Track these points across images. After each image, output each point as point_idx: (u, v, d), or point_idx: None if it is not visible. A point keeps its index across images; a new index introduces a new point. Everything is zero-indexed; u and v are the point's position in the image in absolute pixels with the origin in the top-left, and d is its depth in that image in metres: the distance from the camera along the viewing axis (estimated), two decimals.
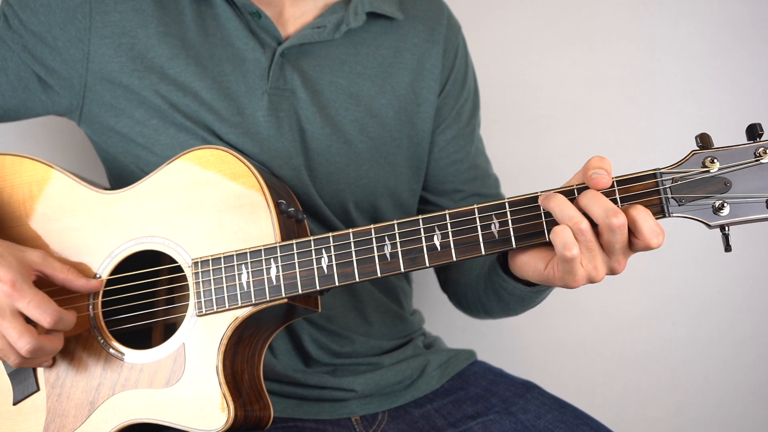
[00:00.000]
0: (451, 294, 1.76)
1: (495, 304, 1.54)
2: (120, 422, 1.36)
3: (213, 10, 1.56)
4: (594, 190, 1.21)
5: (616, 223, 1.17)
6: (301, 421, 1.54)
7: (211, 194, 1.39)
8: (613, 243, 1.19)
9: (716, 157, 1.19)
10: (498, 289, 1.46)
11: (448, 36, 1.70)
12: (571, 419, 1.48)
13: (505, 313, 1.60)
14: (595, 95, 2.22)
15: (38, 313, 1.31)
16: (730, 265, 2.22)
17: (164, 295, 1.47)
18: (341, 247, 1.32)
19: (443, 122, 1.70)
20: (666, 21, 2.22)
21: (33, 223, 1.46)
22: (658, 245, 1.19)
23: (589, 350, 2.27)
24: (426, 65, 1.66)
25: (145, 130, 1.52)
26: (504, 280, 1.41)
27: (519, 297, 1.44)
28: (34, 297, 1.31)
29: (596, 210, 1.19)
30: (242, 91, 1.53)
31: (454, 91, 1.71)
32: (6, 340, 1.31)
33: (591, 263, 1.21)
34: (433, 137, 1.70)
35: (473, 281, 1.59)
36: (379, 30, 1.63)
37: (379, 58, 1.63)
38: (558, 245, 1.20)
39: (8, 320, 1.30)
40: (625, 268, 1.23)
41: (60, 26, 1.51)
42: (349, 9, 1.58)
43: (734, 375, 2.28)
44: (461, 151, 1.72)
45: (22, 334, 1.30)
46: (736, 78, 2.22)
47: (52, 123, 1.70)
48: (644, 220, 1.18)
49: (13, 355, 1.32)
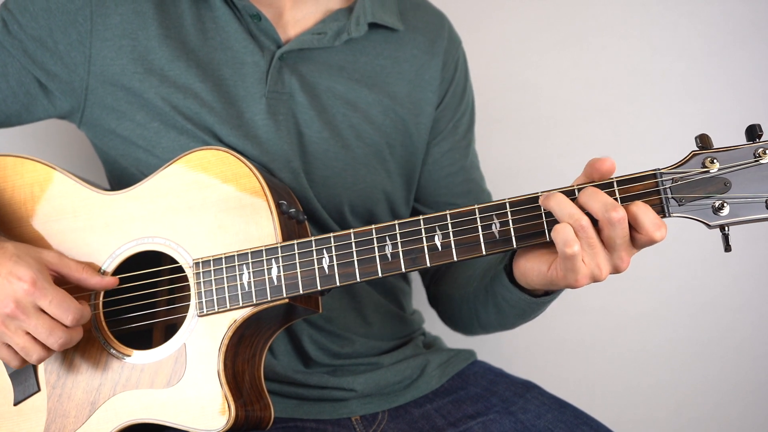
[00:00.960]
0: (443, 309, 1.76)
1: (494, 316, 1.53)
2: (121, 422, 1.36)
3: (212, 12, 1.56)
4: (593, 187, 1.21)
5: (616, 217, 1.17)
6: (302, 421, 1.54)
7: (212, 195, 1.39)
8: (614, 238, 1.19)
9: (716, 157, 1.19)
10: (500, 301, 1.46)
11: (448, 49, 1.70)
12: (571, 419, 1.48)
13: (502, 326, 1.60)
14: (595, 95, 2.22)
15: (60, 311, 1.31)
16: (730, 265, 2.22)
17: (165, 295, 1.48)
18: (342, 247, 1.32)
19: (439, 134, 1.70)
20: (666, 21, 2.22)
21: (34, 224, 1.46)
22: (661, 238, 1.19)
23: (589, 350, 2.27)
24: (424, 76, 1.66)
25: (146, 132, 1.52)
26: (509, 290, 1.41)
27: (520, 309, 1.44)
28: (56, 295, 1.31)
29: (595, 206, 1.19)
30: (241, 95, 1.53)
31: (453, 103, 1.71)
32: (28, 338, 1.32)
33: (593, 261, 1.21)
34: (429, 149, 1.70)
35: (471, 294, 1.58)
36: (379, 39, 1.64)
37: (377, 67, 1.63)
38: (559, 243, 1.20)
39: (34, 318, 1.30)
40: (629, 266, 1.23)
41: (61, 30, 1.51)
42: (351, 18, 1.58)
43: (734, 375, 2.28)
44: (456, 164, 1.73)
45: (53, 329, 1.31)
46: (736, 78, 2.22)
47: (53, 124, 1.70)
48: (645, 214, 1.18)
49: (37, 352, 1.32)
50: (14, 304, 1.29)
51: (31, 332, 1.31)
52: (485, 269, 1.52)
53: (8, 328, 1.31)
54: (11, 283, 1.30)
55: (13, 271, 1.30)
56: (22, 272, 1.30)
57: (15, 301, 1.29)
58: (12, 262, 1.31)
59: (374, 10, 1.60)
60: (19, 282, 1.30)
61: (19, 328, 1.31)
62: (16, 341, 1.32)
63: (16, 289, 1.29)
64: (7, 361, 1.36)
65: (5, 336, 1.32)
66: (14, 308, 1.29)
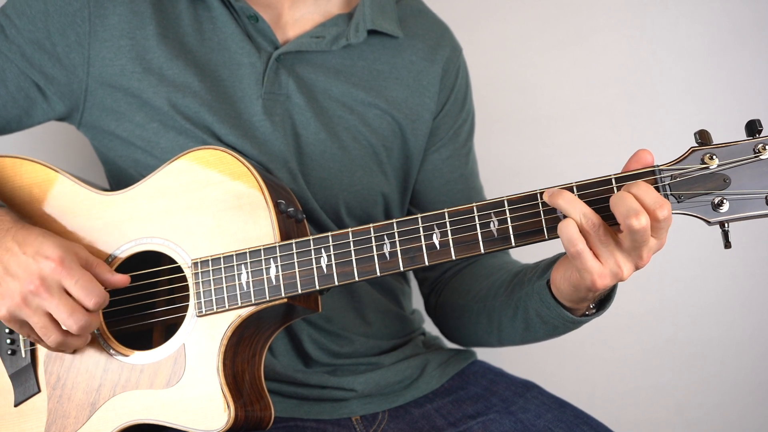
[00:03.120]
0: (449, 320, 1.70)
1: (520, 332, 1.48)
2: (121, 423, 1.36)
3: (210, 13, 1.56)
4: (644, 182, 1.18)
5: (661, 214, 1.14)
6: (302, 421, 1.54)
7: (210, 194, 1.39)
8: (659, 230, 1.16)
9: (715, 153, 1.19)
10: (532, 317, 1.41)
11: (450, 58, 1.70)
12: (571, 419, 1.48)
13: (524, 341, 1.53)
14: (595, 95, 2.22)
15: (84, 294, 1.30)
16: (730, 265, 2.22)
17: (164, 295, 1.48)
18: (340, 246, 1.32)
19: (439, 141, 1.70)
20: (666, 21, 2.22)
21: (34, 224, 1.46)
22: (663, 217, 1.15)
23: (589, 350, 2.27)
24: (422, 82, 1.66)
25: (145, 133, 1.52)
26: (548, 307, 1.35)
27: (552, 326, 1.40)
28: (82, 276, 1.31)
29: (647, 200, 1.15)
30: (238, 96, 1.54)
31: (454, 111, 1.71)
32: (47, 318, 1.31)
33: (612, 258, 1.19)
34: (428, 156, 1.70)
35: (496, 308, 1.52)
36: (378, 45, 1.63)
37: (374, 71, 1.63)
38: (564, 241, 1.18)
39: (57, 297, 1.30)
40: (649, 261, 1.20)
41: (59, 32, 1.51)
42: (351, 24, 1.58)
43: (734, 375, 2.28)
44: (456, 171, 1.72)
45: (74, 311, 1.30)
46: (736, 78, 2.22)
47: (52, 125, 1.70)
48: (646, 193, 1.15)
49: (55, 334, 1.32)
50: (39, 281, 1.29)
51: (52, 312, 1.30)
52: (513, 282, 1.48)
53: (29, 305, 1.30)
54: (38, 262, 1.30)
55: (40, 251, 1.30)
56: (50, 251, 1.30)
57: (40, 278, 1.29)
58: (39, 241, 1.32)
59: (374, 17, 1.60)
60: (47, 261, 1.30)
61: (40, 307, 1.30)
62: (35, 320, 1.31)
63: (42, 267, 1.29)
64: (26, 335, 1.36)
65: (24, 313, 1.31)
66: (39, 285, 1.29)
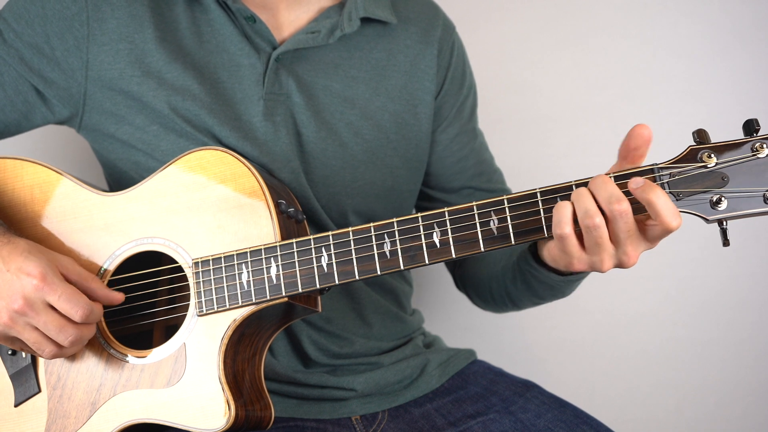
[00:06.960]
0: (472, 291, 1.76)
1: (524, 293, 1.54)
2: (121, 422, 1.37)
3: (208, 15, 1.56)
4: (604, 176, 1.20)
5: (618, 209, 1.16)
6: (302, 421, 1.54)
7: (211, 195, 1.39)
8: (617, 232, 1.18)
9: (713, 152, 1.19)
10: (528, 278, 1.46)
11: (443, 36, 1.70)
12: (571, 418, 1.48)
13: (533, 302, 1.59)
14: (595, 95, 2.22)
15: (69, 307, 1.30)
16: (729, 264, 2.22)
17: (165, 295, 1.48)
18: (341, 245, 1.32)
19: (444, 120, 1.70)
20: (666, 21, 2.22)
21: (35, 226, 1.46)
22: (677, 226, 1.17)
23: (589, 350, 2.27)
24: (420, 66, 1.67)
25: (145, 136, 1.52)
26: (535, 269, 1.41)
27: (549, 285, 1.44)
28: (65, 290, 1.31)
29: (602, 195, 1.18)
30: (238, 97, 1.54)
31: (453, 89, 1.71)
32: (38, 333, 1.31)
33: (597, 255, 1.21)
34: (436, 137, 1.70)
35: (499, 272, 1.59)
36: (373, 33, 1.64)
37: (372, 61, 1.63)
38: (553, 220, 1.20)
39: (43, 314, 1.30)
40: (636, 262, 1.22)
41: (57, 36, 1.51)
42: (343, 14, 1.58)
43: (734, 375, 2.27)
44: (465, 147, 1.73)
45: (63, 326, 1.30)
46: (736, 78, 2.22)
47: (52, 127, 1.70)
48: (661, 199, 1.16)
49: (49, 347, 1.32)
50: (23, 300, 1.29)
51: (40, 329, 1.31)
52: (511, 249, 1.49)
53: (17, 323, 1.30)
54: (20, 279, 1.29)
55: (22, 267, 1.30)
56: (31, 268, 1.29)
57: (24, 297, 1.29)
58: (22, 258, 1.31)
59: (366, 5, 1.60)
60: (28, 277, 1.29)
61: (28, 324, 1.31)
62: (27, 337, 1.32)
63: (24, 285, 1.29)
64: (20, 350, 1.36)
65: (14, 331, 1.31)
66: (23, 304, 1.29)
